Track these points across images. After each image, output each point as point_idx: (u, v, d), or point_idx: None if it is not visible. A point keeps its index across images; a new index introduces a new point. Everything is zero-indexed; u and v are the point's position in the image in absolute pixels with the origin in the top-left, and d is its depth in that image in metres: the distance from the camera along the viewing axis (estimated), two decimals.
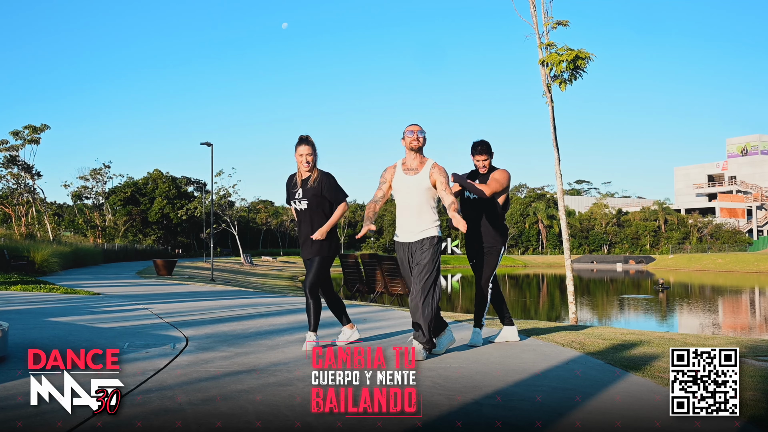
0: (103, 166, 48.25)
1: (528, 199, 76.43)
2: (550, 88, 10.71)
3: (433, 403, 2.98)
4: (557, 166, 10.66)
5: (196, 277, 22.01)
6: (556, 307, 21.10)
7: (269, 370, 3.72)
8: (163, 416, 2.73)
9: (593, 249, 71.01)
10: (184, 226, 53.47)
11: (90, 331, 5.40)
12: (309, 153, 4.44)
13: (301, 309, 7.74)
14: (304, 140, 4.47)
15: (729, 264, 51.61)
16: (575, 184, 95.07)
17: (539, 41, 10.89)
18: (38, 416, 2.69)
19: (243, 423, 2.66)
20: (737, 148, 76.55)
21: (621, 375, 3.65)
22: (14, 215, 37.47)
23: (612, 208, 75.93)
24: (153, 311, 7.30)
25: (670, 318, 17.65)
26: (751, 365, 3.98)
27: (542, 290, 30.44)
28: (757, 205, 74.32)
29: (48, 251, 20.96)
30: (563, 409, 2.91)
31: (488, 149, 4.83)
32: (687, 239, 69.47)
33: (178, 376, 3.51)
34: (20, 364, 3.75)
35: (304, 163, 4.46)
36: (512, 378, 3.53)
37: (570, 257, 10.84)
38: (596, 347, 4.70)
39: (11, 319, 6.07)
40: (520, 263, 63.67)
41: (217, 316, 6.80)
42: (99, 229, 46.50)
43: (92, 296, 10.00)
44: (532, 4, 11.03)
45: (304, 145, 4.45)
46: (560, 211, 10.78)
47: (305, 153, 4.44)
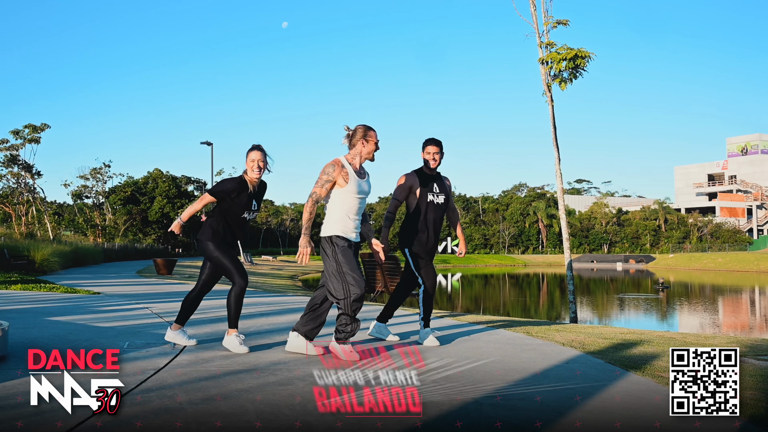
0: (103, 166, 48.31)
1: (528, 198, 76.44)
2: (550, 87, 10.71)
3: (433, 402, 2.98)
4: (557, 165, 10.66)
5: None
6: (556, 306, 21.10)
7: (269, 369, 3.72)
8: (163, 416, 2.73)
9: (593, 248, 71.02)
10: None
11: (90, 330, 5.40)
12: (261, 159, 4.42)
13: (300, 308, 7.74)
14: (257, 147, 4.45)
15: (729, 263, 51.61)
16: (575, 183, 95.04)
17: (539, 40, 10.89)
18: (38, 416, 2.69)
19: (243, 422, 2.66)
20: (737, 148, 76.53)
21: (621, 374, 3.65)
22: (14, 214, 37.47)
23: (612, 208, 75.93)
24: (153, 310, 7.30)
25: (670, 317, 17.65)
26: (751, 364, 3.98)
27: (542, 289, 30.44)
28: (757, 204, 74.31)
29: (48, 250, 20.97)
30: (563, 408, 2.91)
31: (441, 144, 4.89)
32: (687, 238, 69.48)
33: (178, 375, 3.51)
34: (20, 363, 3.75)
35: (256, 169, 4.42)
36: (512, 377, 3.53)
37: (570, 256, 10.84)
38: (596, 346, 4.70)
39: (11, 318, 6.07)
40: (520, 262, 63.69)
41: (217, 315, 6.80)
42: (99, 228, 46.50)
43: (92, 295, 10.00)
44: (532, 4, 11.03)
45: (257, 150, 4.43)
46: (560, 210, 10.78)
47: (257, 159, 4.41)
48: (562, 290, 28.30)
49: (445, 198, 4.91)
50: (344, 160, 4.22)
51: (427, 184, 4.85)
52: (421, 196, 4.82)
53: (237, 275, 4.36)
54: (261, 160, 4.40)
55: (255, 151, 4.42)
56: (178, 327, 4.61)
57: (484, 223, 76.08)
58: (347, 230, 4.19)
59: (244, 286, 4.37)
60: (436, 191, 4.86)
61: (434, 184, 4.88)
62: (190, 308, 4.60)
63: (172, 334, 4.60)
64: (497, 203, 78.22)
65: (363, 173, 4.28)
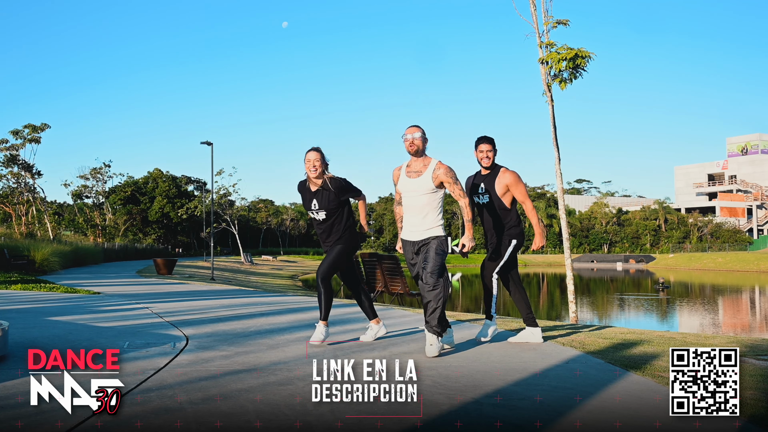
0: (104, 165, 48.35)
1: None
2: (550, 87, 10.71)
3: (433, 402, 2.97)
4: (557, 165, 10.66)
5: (197, 276, 22.02)
6: (556, 306, 21.10)
7: (269, 369, 3.72)
8: (163, 415, 2.73)
9: (593, 248, 71.01)
10: (185, 225, 53.47)
11: (90, 330, 5.40)
12: (317, 159, 4.56)
13: (300, 308, 7.75)
14: (313, 148, 4.62)
15: (729, 263, 51.61)
16: (575, 183, 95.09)
17: (539, 40, 10.89)
18: (38, 416, 2.69)
19: (243, 422, 2.66)
20: (737, 147, 76.53)
21: (621, 374, 3.65)
22: (14, 214, 37.49)
23: (612, 207, 75.93)
24: (153, 310, 7.30)
25: (671, 317, 17.65)
26: (751, 364, 3.98)
27: (542, 289, 30.44)
28: (758, 204, 74.31)
29: (48, 250, 20.97)
30: (563, 408, 2.91)
31: (493, 141, 4.84)
32: (687, 238, 69.48)
33: (179, 375, 3.51)
34: (20, 363, 3.75)
35: (312, 169, 4.57)
36: (512, 377, 3.53)
37: (570, 256, 10.84)
38: (596, 346, 4.70)
39: (11, 318, 6.07)
40: (521, 262, 63.55)
41: (218, 315, 6.80)
42: (99, 228, 46.52)
43: (92, 295, 10.00)
44: (532, 3, 11.02)
45: (312, 152, 4.59)
46: (560, 210, 10.78)
47: (313, 159, 4.56)
48: (562, 290, 28.30)
49: (489, 197, 4.82)
50: (403, 165, 4.42)
51: (474, 186, 4.87)
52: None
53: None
54: (317, 160, 4.56)
55: (311, 152, 4.60)
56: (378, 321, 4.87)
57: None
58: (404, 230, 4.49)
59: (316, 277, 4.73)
60: (481, 191, 4.84)
61: (480, 185, 4.85)
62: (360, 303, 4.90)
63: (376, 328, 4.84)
64: None
65: (414, 173, 4.39)
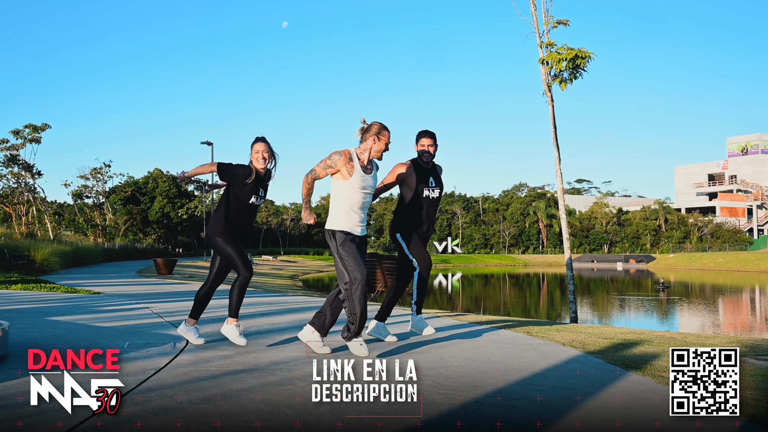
0: (104, 165, 48.28)
1: (528, 198, 76.43)
2: (550, 87, 10.71)
3: (433, 402, 2.97)
4: (557, 165, 10.66)
5: (197, 276, 22.02)
6: (557, 306, 21.10)
7: (269, 369, 3.72)
8: (163, 415, 2.73)
9: (594, 248, 70.99)
10: (185, 225, 53.45)
11: (90, 330, 5.40)
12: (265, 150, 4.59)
13: (300, 308, 7.75)
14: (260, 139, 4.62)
15: (729, 263, 51.60)
16: (575, 183, 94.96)
17: (539, 40, 10.89)
18: (38, 416, 2.69)
19: (243, 422, 2.66)
20: (738, 147, 76.51)
21: (621, 374, 3.65)
22: (15, 214, 37.48)
23: (612, 207, 75.91)
24: (153, 310, 7.30)
25: (671, 317, 17.65)
26: (751, 364, 3.98)
27: (542, 289, 30.44)
28: (758, 204, 74.28)
29: (48, 250, 20.96)
30: (563, 408, 2.91)
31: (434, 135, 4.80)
32: (687, 238, 69.46)
33: (179, 375, 3.51)
34: (20, 363, 3.75)
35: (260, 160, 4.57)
36: (512, 377, 3.53)
37: (570, 256, 10.83)
38: (596, 346, 4.70)
39: (11, 318, 6.07)
40: (521, 262, 63.68)
41: (217, 315, 6.80)
42: (99, 228, 46.52)
43: (92, 295, 10.00)
44: (533, 3, 11.03)
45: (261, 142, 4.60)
46: (560, 210, 10.78)
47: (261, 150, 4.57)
48: (563, 290, 28.31)
49: (439, 191, 4.85)
50: (353, 153, 4.20)
51: (424, 178, 4.77)
52: (416, 191, 4.75)
53: (242, 267, 4.50)
54: (265, 150, 4.57)
55: (259, 142, 4.59)
56: (193, 322, 4.68)
57: (484, 223, 76.10)
58: (351, 224, 4.19)
59: (249, 278, 4.51)
60: (431, 185, 4.80)
61: (430, 178, 4.80)
62: (203, 303, 4.69)
63: (185, 329, 4.66)
64: (497, 203, 78.23)
65: (370, 168, 4.25)
